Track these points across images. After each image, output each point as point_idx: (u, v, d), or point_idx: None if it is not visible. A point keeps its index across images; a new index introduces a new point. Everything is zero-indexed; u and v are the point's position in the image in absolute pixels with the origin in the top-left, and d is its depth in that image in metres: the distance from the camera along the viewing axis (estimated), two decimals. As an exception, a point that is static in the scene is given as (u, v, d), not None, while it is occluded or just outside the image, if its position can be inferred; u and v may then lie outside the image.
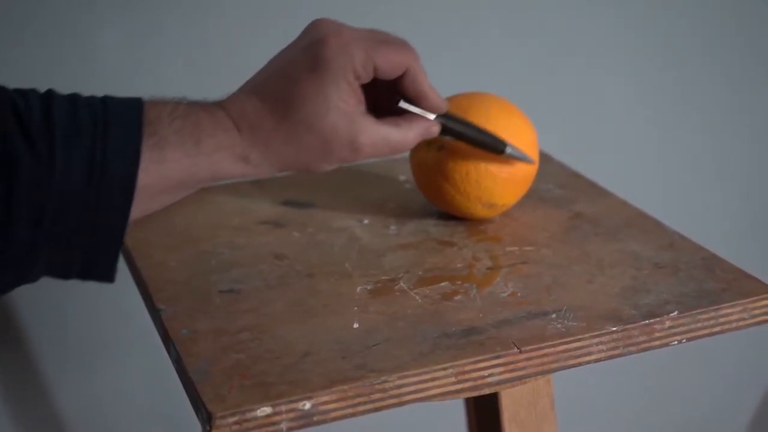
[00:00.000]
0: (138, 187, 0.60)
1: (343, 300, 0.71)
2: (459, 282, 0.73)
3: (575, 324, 0.67)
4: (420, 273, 0.74)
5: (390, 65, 0.67)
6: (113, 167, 0.59)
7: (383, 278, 0.74)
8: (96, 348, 1.08)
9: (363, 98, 0.67)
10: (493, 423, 0.75)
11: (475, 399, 0.81)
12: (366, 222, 0.83)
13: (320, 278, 0.74)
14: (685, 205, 1.24)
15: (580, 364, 0.66)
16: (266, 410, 0.59)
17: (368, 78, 0.66)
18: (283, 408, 0.59)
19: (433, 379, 0.62)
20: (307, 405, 0.60)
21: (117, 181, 0.59)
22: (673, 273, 0.73)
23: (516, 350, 0.64)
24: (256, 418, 0.59)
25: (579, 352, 0.66)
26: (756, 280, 0.72)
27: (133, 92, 0.99)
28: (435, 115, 0.71)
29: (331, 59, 0.64)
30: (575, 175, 0.91)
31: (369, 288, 0.72)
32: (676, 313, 0.68)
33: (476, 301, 0.70)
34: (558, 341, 0.65)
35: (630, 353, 0.67)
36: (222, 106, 0.65)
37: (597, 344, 0.66)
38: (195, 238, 0.80)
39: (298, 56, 0.66)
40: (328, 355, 0.64)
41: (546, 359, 0.65)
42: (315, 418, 0.60)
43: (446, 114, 0.72)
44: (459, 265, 0.75)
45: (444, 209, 0.83)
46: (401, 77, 0.68)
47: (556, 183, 0.89)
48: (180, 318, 0.68)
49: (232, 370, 0.62)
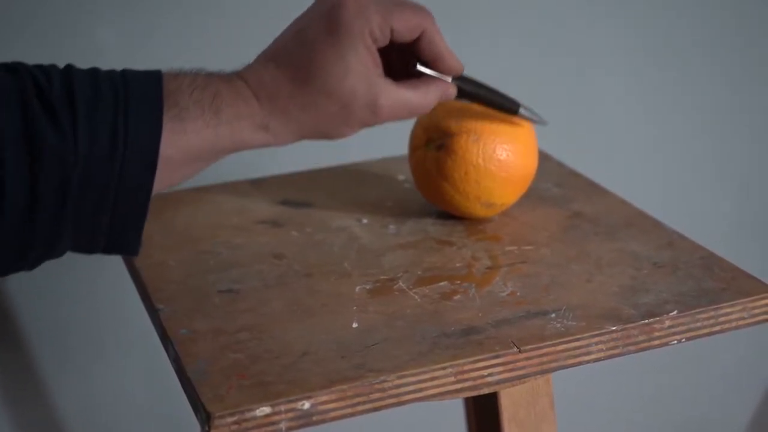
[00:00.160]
0: (160, 159, 0.60)
1: (342, 300, 0.71)
2: (458, 281, 0.73)
3: (574, 323, 0.67)
4: (419, 272, 0.74)
5: (407, 27, 0.67)
6: (136, 139, 0.59)
7: (382, 278, 0.74)
8: (95, 348, 1.07)
9: (380, 62, 0.67)
10: (493, 423, 0.75)
11: (475, 399, 0.81)
12: (365, 221, 0.83)
13: (319, 278, 0.74)
14: (684, 205, 1.24)
15: (580, 364, 0.66)
16: (265, 410, 0.59)
17: (385, 41, 0.66)
18: (282, 408, 0.59)
19: (433, 379, 0.62)
20: (306, 405, 0.60)
21: (140, 153, 0.59)
22: (673, 272, 0.73)
23: (515, 350, 0.64)
24: (255, 418, 0.59)
25: (578, 352, 0.65)
26: (755, 280, 0.72)
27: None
28: (451, 78, 0.71)
29: (349, 23, 0.64)
30: (574, 175, 0.91)
31: (368, 288, 0.72)
32: (676, 313, 0.68)
33: (475, 301, 0.70)
34: (557, 341, 0.65)
35: (629, 353, 0.67)
36: (240, 76, 0.65)
37: (596, 344, 0.66)
38: (194, 238, 0.80)
39: (315, 21, 0.66)
40: (327, 355, 0.63)
41: (545, 359, 0.65)
42: (314, 418, 0.60)
43: (461, 76, 0.72)
44: (458, 265, 0.75)
45: (443, 209, 0.83)
46: (417, 39, 0.68)
47: (555, 182, 0.89)
48: (179, 318, 0.68)
49: (231, 370, 0.62)
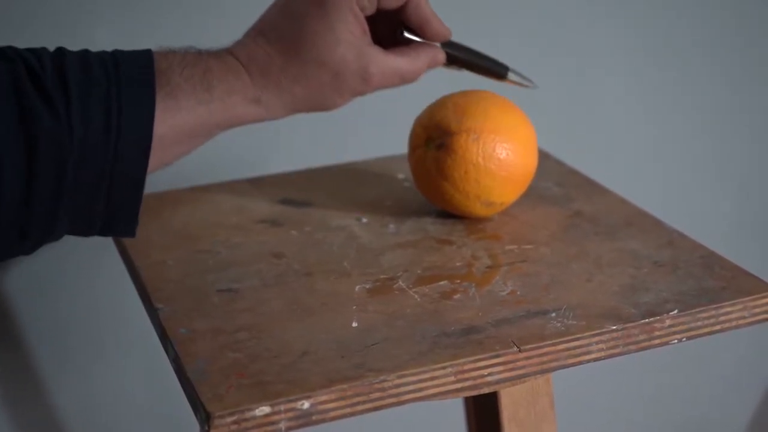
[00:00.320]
0: (154, 137, 0.60)
1: (342, 299, 0.70)
2: (458, 281, 0.73)
3: (575, 323, 0.66)
4: (419, 272, 0.74)
5: None
6: (129, 119, 0.60)
7: (382, 277, 0.73)
8: (95, 348, 1.07)
9: (368, 30, 0.67)
10: (493, 422, 0.75)
11: (475, 398, 0.81)
12: (364, 221, 0.83)
13: (318, 277, 0.74)
14: (685, 204, 1.24)
15: (580, 363, 0.66)
16: (265, 410, 0.59)
17: (372, 9, 0.67)
18: (282, 407, 0.59)
19: (432, 379, 0.62)
20: (306, 404, 0.59)
21: (134, 133, 0.60)
22: (673, 271, 0.73)
23: (515, 349, 0.64)
24: (255, 418, 0.58)
25: (578, 351, 0.65)
26: (756, 278, 0.72)
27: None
28: (439, 44, 0.71)
29: None
30: (574, 173, 0.91)
31: (368, 287, 0.72)
32: (676, 312, 0.68)
33: (475, 300, 0.70)
34: (557, 340, 0.65)
35: (630, 352, 0.67)
36: (230, 52, 0.66)
37: (597, 343, 0.66)
38: (193, 237, 0.80)
39: None
40: (327, 355, 0.63)
41: (545, 358, 0.65)
42: (314, 418, 0.60)
43: (450, 42, 0.72)
44: (458, 264, 0.75)
45: (443, 208, 0.82)
46: (404, 6, 0.68)
47: (555, 181, 0.89)
48: (178, 317, 0.68)
49: (231, 370, 0.62)
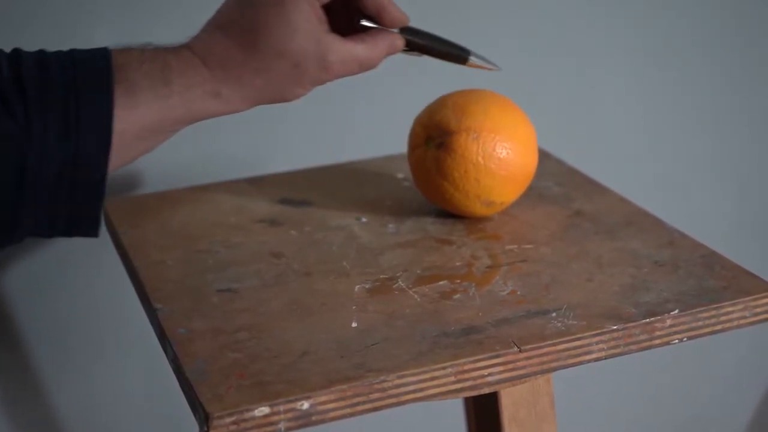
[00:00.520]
0: (114, 134, 0.60)
1: (342, 299, 0.70)
2: (458, 281, 0.72)
3: (575, 323, 0.66)
4: (418, 272, 0.74)
5: None
6: (88, 117, 0.59)
7: (381, 277, 0.73)
8: (95, 348, 1.07)
9: (324, 18, 0.67)
10: (493, 422, 0.75)
11: (475, 398, 0.81)
12: (364, 220, 0.83)
13: (318, 277, 0.73)
14: (685, 203, 1.24)
15: (580, 363, 0.66)
16: (264, 410, 0.58)
17: None
18: (281, 408, 0.59)
19: (433, 379, 0.62)
20: (306, 405, 0.59)
21: (93, 131, 0.59)
22: (673, 271, 0.73)
23: (516, 349, 0.64)
24: (254, 418, 0.58)
25: (579, 351, 0.65)
26: (756, 278, 0.71)
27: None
28: (398, 30, 0.70)
29: None
30: (574, 173, 0.91)
31: (367, 287, 0.72)
32: (677, 312, 0.67)
33: (475, 300, 0.70)
34: (558, 340, 0.65)
35: (630, 352, 0.67)
36: (188, 46, 0.65)
37: (597, 343, 0.65)
38: (192, 237, 0.80)
39: None
40: (327, 355, 0.63)
41: (546, 358, 0.64)
42: (313, 418, 0.60)
43: (408, 27, 0.72)
44: (458, 264, 0.75)
45: (442, 207, 0.82)
46: None
47: (556, 180, 0.89)
48: (177, 317, 0.68)
49: (230, 370, 0.62)
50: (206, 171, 0.99)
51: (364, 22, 0.69)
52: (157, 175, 1.00)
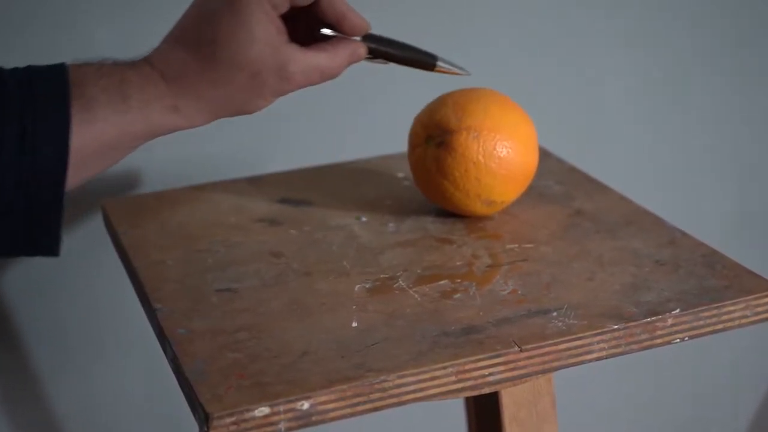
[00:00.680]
0: (72, 151, 0.59)
1: (342, 299, 0.70)
2: (458, 280, 0.72)
3: (576, 322, 0.66)
4: (419, 271, 0.74)
5: None
6: (44, 134, 0.58)
7: (382, 276, 0.73)
8: (95, 348, 1.07)
9: (283, 28, 0.66)
10: (494, 422, 0.75)
11: (475, 398, 0.81)
12: (364, 220, 0.82)
13: (318, 277, 0.73)
14: (686, 202, 1.24)
15: (581, 363, 0.65)
16: (264, 410, 0.58)
17: (285, 6, 0.65)
18: (281, 408, 0.59)
19: (433, 379, 0.62)
20: (306, 405, 0.59)
21: (50, 148, 0.58)
22: (674, 270, 0.73)
23: (516, 349, 0.63)
24: (254, 419, 0.58)
25: (580, 351, 0.65)
26: (758, 277, 0.71)
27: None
28: (360, 38, 0.70)
29: None
30: (575, 171, 0.91)
31: (367, 286, 0.72)
32: (678, 311, 0.67)
33: (476, 300, 0.70)
34: (559, 340, 0.64)
35: (632, 351, 0.66)
36: (147, 60, 0.64)
37: (598, 342, 0.65)
38: (191, 237, 0.80)
39: None
40: (327, 355, 0.63)
41: (547, 358, 0.64)
42: (313, 418, 0.59)
43: (371, 35, 0.71)
44: (458, 263, 0.75)
45: (443, 206, 0.82)
46: (318, 2, 0.67)
47: (556, 179, 0.89)
48: (176, 317, 0.68)
49: (230, 370, 0.61)
50: (206, 170, 0.99)
51: (325, 31, 0.68)
52: (157, 175, 1.00)
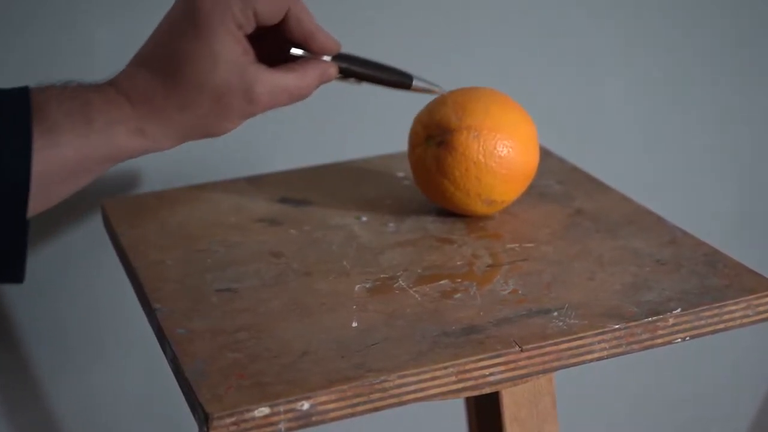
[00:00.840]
0: (33, 176, 0.58)
1: (342, 299, 0.70)
2: (459, 280, 0.72)
3: (577, 322, 0.66)
4: (419, 271, 0.74)
5: (270, 8, 0.64)
6: (4, 158, 0.57)
7: (382, 276, 0.73)
8: (95, 348, 1.07)
9: (250, 48, 0.65)
10: (494, 422, 0.75)
11: (476, 398, 0.81)
12: (364, 219, 0.82)
13: (318, 277, 0.73)
14: (687, 201, 1.23)
15: (582, 363, 0.65)
16: (264, 410, 0.58)
17: (251, 26, 0.64)
18: (281, 408, 0.58)
19: (433, 379, 0.61)
20: (306, 405, 0.59)
21: (11, 172, 0.58)
22: (676, 269, 0.73)
23: (517, 349, 0.63)
24: (254, 419, 0.58)
25: (581, 351, 0.65)
26: (759, 276, 0.71)
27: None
28: (331, 58, 0.69)
29: (209, 11, 0.63)
30: (575, 171, 0.91)
31: (367, 286, 0.72)
32: (679, 311, 0.67)
33: (476, 299, 0.69)
34: (559, 339, 0.64)
35: (633, 351, 0.66)
36: (111, 82, 0.64)
37: (599, 342, 0.65)
38: (191, 237, 0.80)
39: (177, 17, 0.64)
40: (327, 355, 0.63)
41: (547, 358, 0.64)
42: (314, 419, 0.59)
43: (342, 54, 0.69)
44: (458, 263, 0.75)
45: (443, 206, 0.82)
46: (285, 21, 0.66)
47: (557, 179, 0.89)
48: (176, 317, 0.68)
49: (230, 370, 0.61)
50: (205, 170, 0.99)
51: (294, 51, 0.67)
52: (156, 175, 1.00)
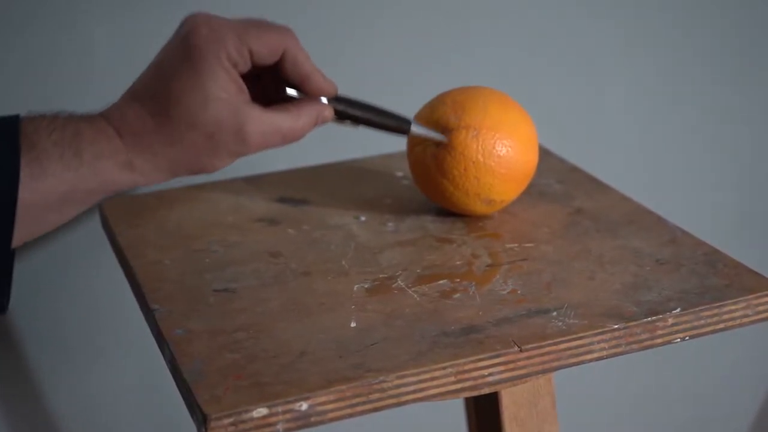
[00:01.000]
0: (19, 205, 0.58)
1: (340, 298, 0.70)
2: (458, 280, 0.72)
3: (576, 322, 0.66)
4: (418, 271, 0.73)
5: (266, 47, 0.64)
6: None
7: (381, 276, 0.73)
8: (94, 348, 1.07)
9: (245, 87, 0.64)
10: (494, 423, 0.74)
11: (475, 398, 0.80)
12: (363, 219, 0.82)
13: (316, 276, 0.73)
14: (687, 201, 1.23)
15: (582, 363, 0.65)
16: (262, 411, 0.58)
17: (246, 65, 0.64)
18: (280, 409, 0.58)
19: (432, 379, 0.61)
20: (304, 406, 0.59)
21: None
22: (675, 269, 0.72)
23: (516, 349, 0.63)
24: (252, 419, 0.58)
25: (580, 351, 0.65)
26: (759, 276, 0.71)
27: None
28: (327, 99, 0.68)
29: (203, 48, 0.62)
30: (575, 170, 0.90)
31: (366, 286, 0.71)
32: (679, 310, 0.67)
33: (475, 299, 0.69)
34: (559, 339, 0.64)
35: (632, 351, 0.66)
36: (103, 115, 0.63)
37: (599, 342, 0.65)
38: (189, 237, 0.80)
39: (171, 52, 0.64)
40: (325, 355, 0.63)
41: (547, 358, 0.64)
42: (312, 419, 0.59)
43: (339, 97, 0.69)
44: (458, 263, 0.74)
45: (442, 206, 0.82)
46: (281, 61, 0.65)
47: (556, 178, 0.89)
48: (174, 318, 0.68)
49: (228, 371, 0.61)
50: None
51: (290, 92, 0.67)
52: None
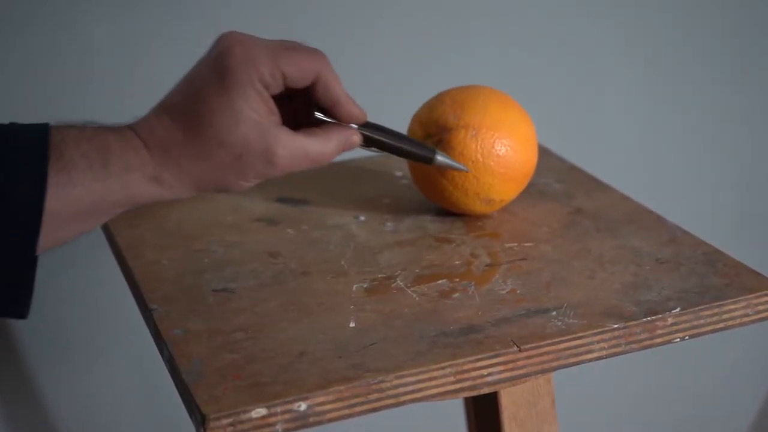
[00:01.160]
0: (45, 213, 0.58)
1: (339, 298, 0.70)
2: (457, 279, 0.72)
3: (576, 321, 0.66)
4: (417, 270, 0.73)
5: (299, 71, 0.64)
6: (18, 193, 0.57)
7: (380, 276, 0.73)
8: (94, 348, 1.07)
9: (276, 109, 0.64)
10: (493, 423, 0.74)
11: (475, 398, 0.80)
12: (362, 219, 0.82)
13: (315, 276, 0.73)
14: (686, 200, 1.23)
15: (581, 363, 0.65)
16: (261, 411, 0.58)
17: (278, 87, 0.64)
18: (279, 409, 0.58)
19: (432, 379, 0.61)
20: (303, 406, 0.59)
21: (23, 208, 0.57)
22: (675, 268, 0.72)
23: (515, 349, 0.63)
24: (251, 420, 0.58)
25: (580, 350, 0.65)
26: (759, 275, 0.71)
27: (130, 91, 0.99)
28: (356, 125, 0.69)
29: (236, 69, 0.62)
30: (575, 170, 0.90)
31: (365, 286, 0.71)
32: (679, 310, 0.67)
33: (475, 299, 0.69)
34: (558, 339, 0.64)
35: (632, 351, 0.66)
36: (131, 127, 0.63)
37: (598, 342, 0.65)
38: (188, 237, 0.79)
39: (204, 70, 0.64)
40: (324, 355, 0.62)
41: (546, 358, 0.64)
42: (311, 419, 0.59)
43: (368, 123, 0.70)
44: (457, 262, 0.74)
45: (441, 205, 0.82)
46: (313, 85, 0.65)
47: (556, 178, 0.88)
48: (173, 318, 0.67)
49: (226, 371, 0.61)
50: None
51: (318, 115, 0.67)
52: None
